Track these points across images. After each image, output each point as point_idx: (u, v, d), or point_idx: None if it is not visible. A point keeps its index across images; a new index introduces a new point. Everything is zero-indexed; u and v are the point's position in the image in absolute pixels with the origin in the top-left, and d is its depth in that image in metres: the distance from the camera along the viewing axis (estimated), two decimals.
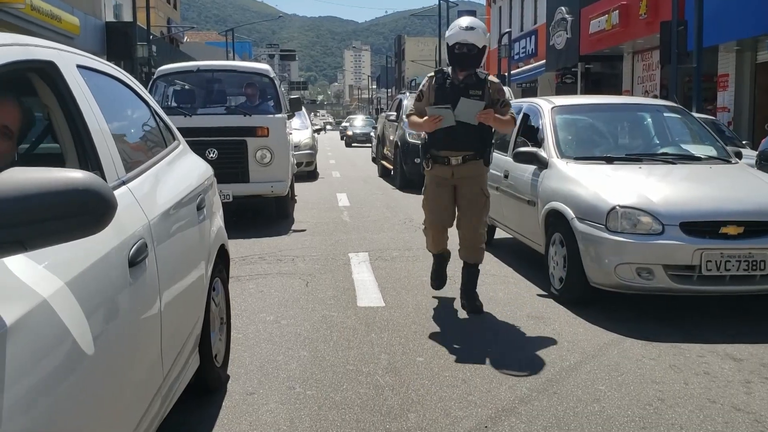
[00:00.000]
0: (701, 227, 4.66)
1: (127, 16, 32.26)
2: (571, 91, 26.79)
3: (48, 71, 2.25)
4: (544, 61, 28.84)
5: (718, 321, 4.84)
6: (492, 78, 5.00)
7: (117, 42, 26.97)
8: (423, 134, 5.17)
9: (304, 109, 17.05)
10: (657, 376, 3.79)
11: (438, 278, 5.47)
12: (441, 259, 5.44)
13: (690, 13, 15.69)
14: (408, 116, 5.15)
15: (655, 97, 21.27)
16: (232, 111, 9.21)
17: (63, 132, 2.31)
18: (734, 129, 16.73)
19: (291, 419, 3.28)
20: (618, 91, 24.53)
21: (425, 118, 4.89)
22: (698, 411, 3.34)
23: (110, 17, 29.65)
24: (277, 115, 9.04)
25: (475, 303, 5.11)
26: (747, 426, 3.19)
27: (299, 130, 15.35)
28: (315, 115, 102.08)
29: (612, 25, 21.93)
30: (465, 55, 4.90)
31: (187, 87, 9.78)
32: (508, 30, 33.09)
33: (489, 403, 3.45)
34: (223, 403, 3.46)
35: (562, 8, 26.04)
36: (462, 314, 5.08)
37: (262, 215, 9.95)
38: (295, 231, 8.74)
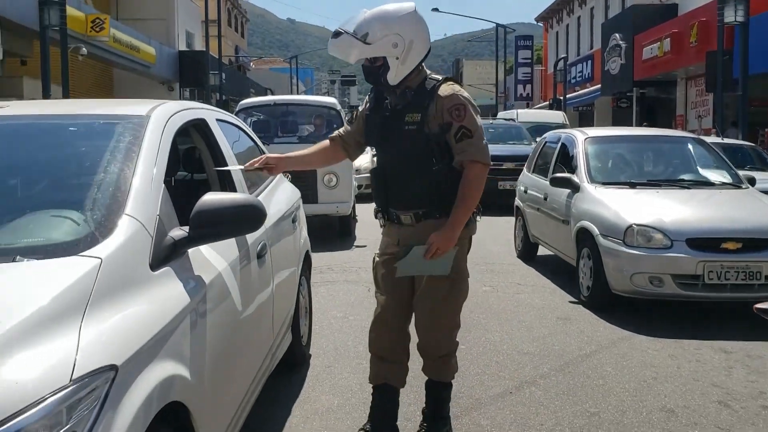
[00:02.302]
0: (704, 243, 5.50)
1: (198, 45, 34.20)
2: (626, 114, 27.34)
3: (201, 125, 3.33)
4: (600, 85, 29.47)
5: (716, 322, 5.65)
6: (445, 89, 3.13)
7: (189, 69, 28.72)
8: None
9: None
10: (656, 362, 4.65)
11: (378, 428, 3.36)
12: (384, 396, 3.41)
13: (737, 42, 16.25)
14: None
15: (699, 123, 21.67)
16: (303, 139, 10.33)
17: (209, 165, 3.38)
18: None
19: (360, 384, 4.26)
20: (672, 116, 25.04)
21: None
22: (682, 386, 4.21)
23: (183, 46, 31.49)
24: None
25: None
26: (720, 396, 4.05)
27: None
28: None
29: (664, 52, 22.53)
30: (367, 68, 3.21)
31: (262, 118, 11.00)
32: (563, 56, 33.81)
33: (515, 378, 4.38)
34: (308, 373, 4.48)
35: (617, 35, 26.70)
36: (500, 311, 5.97)
37: (326, 233, 11.00)
38: (357, 246, 9.77)
